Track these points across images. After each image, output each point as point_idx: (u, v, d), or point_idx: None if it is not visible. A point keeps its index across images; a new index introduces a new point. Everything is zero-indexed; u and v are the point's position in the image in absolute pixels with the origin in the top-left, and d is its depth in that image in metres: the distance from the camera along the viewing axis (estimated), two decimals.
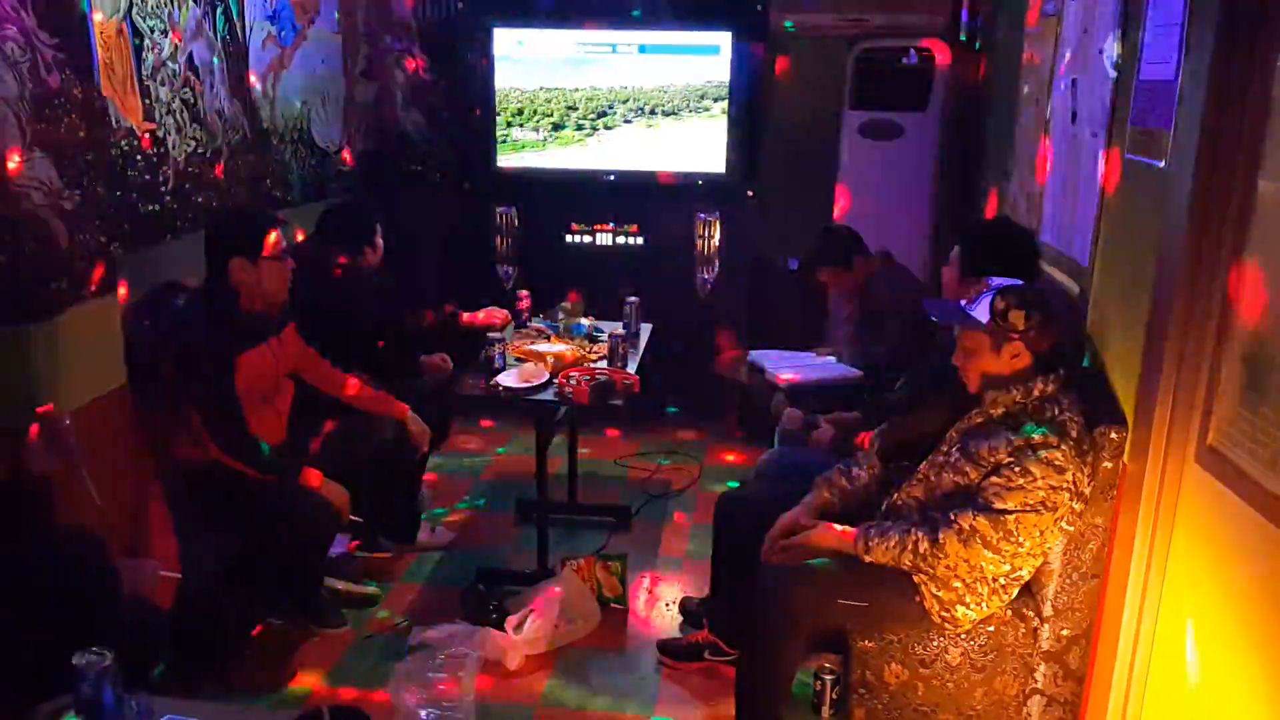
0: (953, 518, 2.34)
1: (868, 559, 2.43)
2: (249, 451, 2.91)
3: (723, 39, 4.83)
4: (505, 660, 3.00)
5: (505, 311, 3.95)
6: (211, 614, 2.88)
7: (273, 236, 2.95)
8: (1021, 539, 2.30)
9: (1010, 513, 2.27)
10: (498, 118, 5.04)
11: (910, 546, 2.37)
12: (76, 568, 2.21)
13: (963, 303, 2.41)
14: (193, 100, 3.42)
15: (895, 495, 2.58)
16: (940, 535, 2.34)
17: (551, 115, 5.03)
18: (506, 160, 5.11)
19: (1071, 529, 2.42)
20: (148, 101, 3.15)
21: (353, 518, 3.09)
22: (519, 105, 5.02)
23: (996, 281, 2.39)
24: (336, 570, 3.39)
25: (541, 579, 3.32)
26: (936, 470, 2.49)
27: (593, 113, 5.00)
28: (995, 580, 2.43)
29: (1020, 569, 2.44)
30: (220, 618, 2.90)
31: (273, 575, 3.07)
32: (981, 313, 2.34)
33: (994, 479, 2.31)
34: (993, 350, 2.35)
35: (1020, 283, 2.43)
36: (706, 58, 4.87)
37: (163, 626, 2.41)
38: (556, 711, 2.85)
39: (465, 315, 3.92)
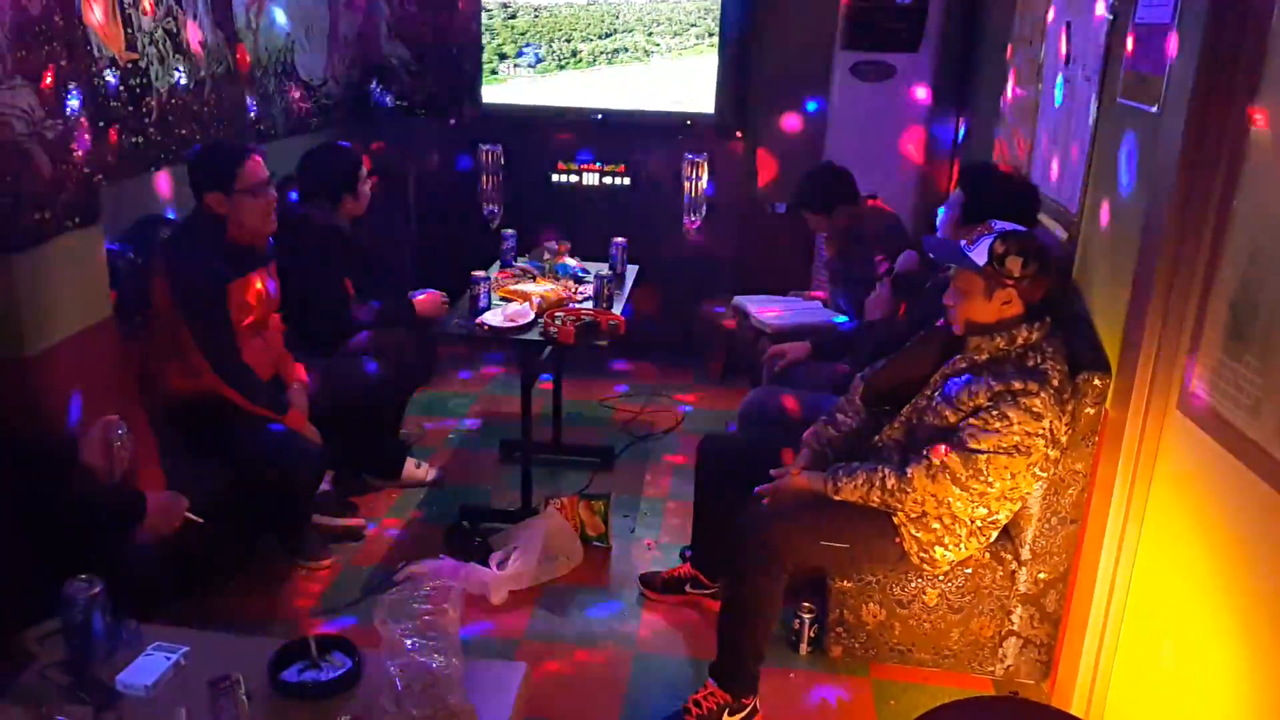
0: (925, 452, 2.36)
1: (837, 498, 2.46)
2: (244, 378, 2.93)
3: None
4: (489, 595, 3.04)
5: (442, 294, 3.67)
6: (199, 545, 2.89)
7: (247, 170, 2.90)
8: (991, 479, 2.32)
9: (982, 453, 2.29)
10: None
11: (878, 483, 2.40)
12: (64, 497, 2.21)
13: (962, 243, 2.39)
14: (176, 30, 3.36)
15: (877, 438, 2.61)
16: (909, 470, 2.37)
17: (541, 35, 4.97)
18: (493, 94, 5.05)
19: (1045, 475, 2.44)
20: (130, 31, 3.09)
21: None
22: (509, 24, 4.97)
23: (999, 225, 2.38)
24: (321, 506, 3.41)
25: (525, 517, 3.36)
26: (918, 414, 2.50)
27: (581, 39, 4.94)
28: (972, 522, 2.47)
29: (997, 513, 2.47)
30: (207, 549, 2.91)
31: (261, 509, 3.09)
32: (980, 255, 2.32)
33: (972, 420, 2.33)
34: (984, 294, 2.34)
35: (1023, 229, 2.41)
36: None
37: (151, 556, 2.42)
38: (540, 644, 2.89)
39: (417, 301, 3.61)
